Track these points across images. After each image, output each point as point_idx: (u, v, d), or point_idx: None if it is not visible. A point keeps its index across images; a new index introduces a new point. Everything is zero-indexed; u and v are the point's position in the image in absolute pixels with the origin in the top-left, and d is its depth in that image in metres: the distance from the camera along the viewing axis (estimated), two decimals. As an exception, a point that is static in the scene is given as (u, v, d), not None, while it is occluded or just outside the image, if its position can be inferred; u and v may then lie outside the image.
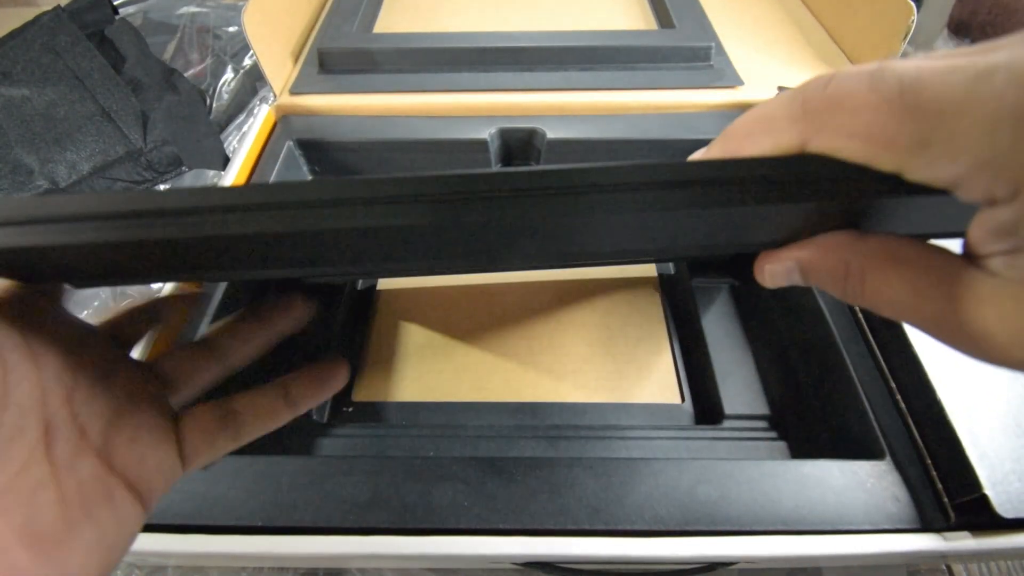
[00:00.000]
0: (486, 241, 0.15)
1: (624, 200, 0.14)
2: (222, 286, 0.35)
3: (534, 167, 0.14)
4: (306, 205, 0.14)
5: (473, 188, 0.14)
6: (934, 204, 0.14)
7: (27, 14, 0.60)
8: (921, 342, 0.29)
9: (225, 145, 0.63)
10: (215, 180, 0.59)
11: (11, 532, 0.12)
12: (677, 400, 0.36)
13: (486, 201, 0.14)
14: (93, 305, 0.50)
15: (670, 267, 0.45)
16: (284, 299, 0.21)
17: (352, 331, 0.40)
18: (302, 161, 0.46)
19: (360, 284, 0.44)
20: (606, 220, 0.14)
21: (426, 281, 0.44)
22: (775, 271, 0.16)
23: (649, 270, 0.45)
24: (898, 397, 0.30)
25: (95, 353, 0.16)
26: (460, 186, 0.14)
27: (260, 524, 0.25)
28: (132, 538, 0.15)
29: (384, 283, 0.44)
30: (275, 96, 0.47)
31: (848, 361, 0.31)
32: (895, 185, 0.13)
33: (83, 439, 0.14)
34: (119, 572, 0.35)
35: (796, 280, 0.16)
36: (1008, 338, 0.12)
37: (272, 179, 0.42)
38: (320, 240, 0.14)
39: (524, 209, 0.14)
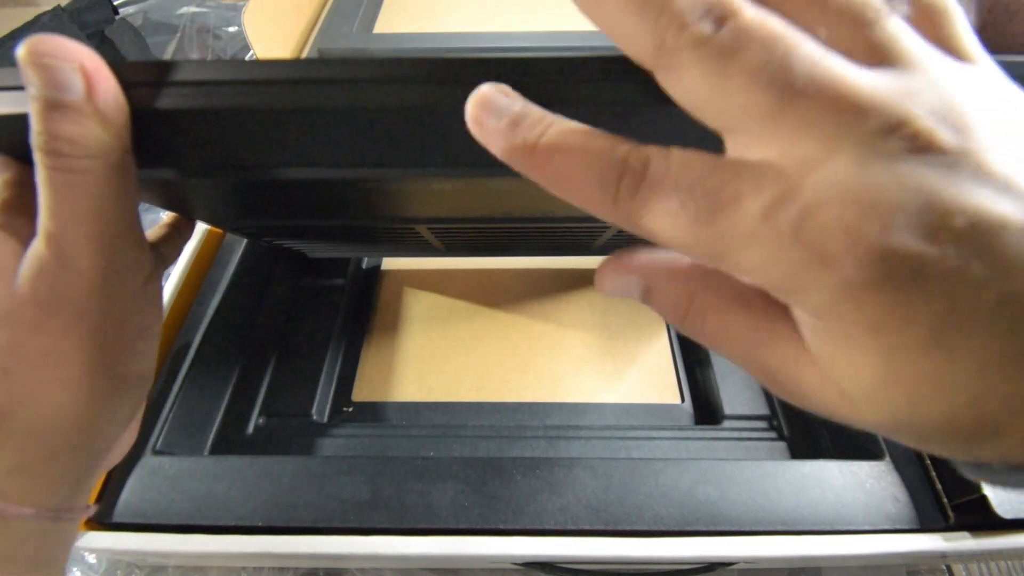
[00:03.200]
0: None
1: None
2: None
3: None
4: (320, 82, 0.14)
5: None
6: None
7: (27, 14, 0.60)
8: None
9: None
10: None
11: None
12: (677, 400, 0.36)
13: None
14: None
15: None
16: (187, 220, 0.25)
17: (351, 332, 0.40)
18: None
19: (364, 263, 0.44)
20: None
21: (426, 282, 0.44)
22: (616, 286, 0.14)
23: None
24: (898, 397, 0.30)
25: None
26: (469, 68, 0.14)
27: (260, 524, 0.25)
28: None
29: (383, 282, 0.44)
30: (275, 96, 0.47)
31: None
32: None
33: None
34: (119, 572, 0.35)
35: (634, 297, 0.14)
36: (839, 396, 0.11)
37: None
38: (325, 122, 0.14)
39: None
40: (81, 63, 0.13)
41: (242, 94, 0.14)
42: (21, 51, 0.13)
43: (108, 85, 0.14)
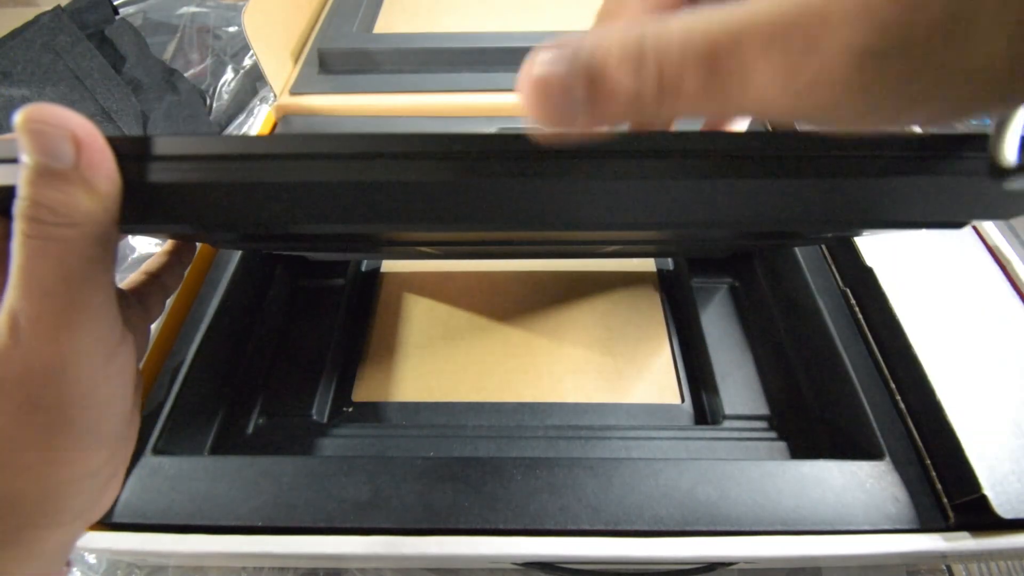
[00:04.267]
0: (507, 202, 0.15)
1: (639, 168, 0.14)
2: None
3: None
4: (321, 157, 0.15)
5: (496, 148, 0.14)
6: None
7: (27, 14, 0.60)
8: (921, 342, 0.29)
9: (225, 145, 0.63)
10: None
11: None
12: (677, 400, 0.36)
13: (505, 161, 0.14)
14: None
15: (669, 263, 0.45)
16: (189, 245, 0.25)
17: (351, 332, 0.40)
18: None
19: (364, 266, 0.44)
20: (621, 187, 0.15)
21: (426, 282, 0.44)
22: (553, 99, 0.11)
23: (648, 264, 0.45)
24: (897, 397, 0.30)
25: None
26: (481, 145, 0.14)
27: (260, 524, 0.25)
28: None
29: (383, 283, 0.44)
30: (275, 96, 0.47)
31: (847, 361, 0.31)
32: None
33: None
34: (119, 572, 0.35)
35: (579, 103, 0.11)
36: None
37: None
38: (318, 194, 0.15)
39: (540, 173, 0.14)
40: (73, 132, 0.13)
41: (238, 170, 0.14)
42: (18, 117, 0.13)
43: (101, 156, 0.14)
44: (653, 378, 0.38)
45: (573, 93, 0.11)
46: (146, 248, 0.52)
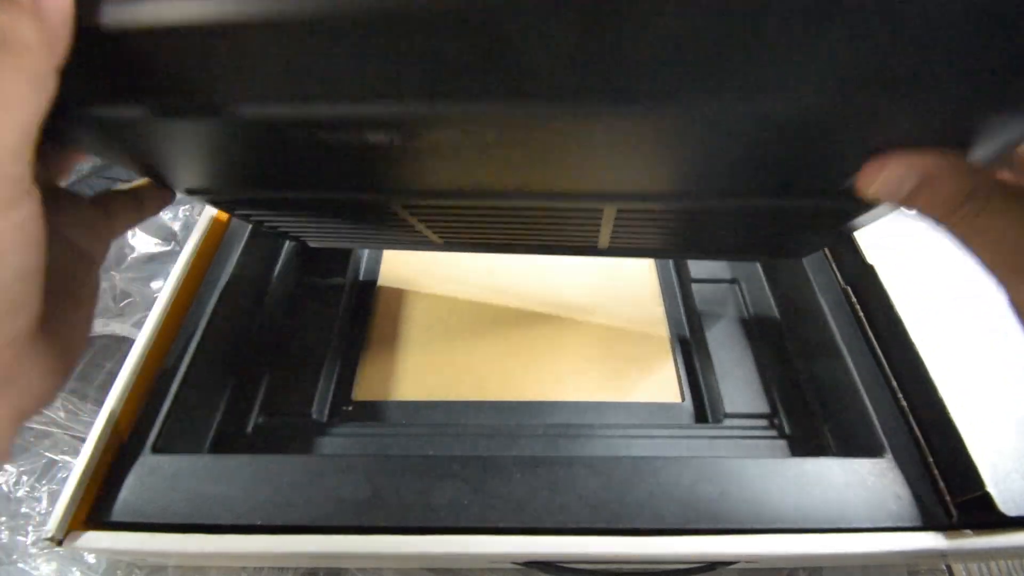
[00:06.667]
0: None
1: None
2: None
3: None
4: None
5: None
6: None
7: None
8: (922, 340, 0.29)
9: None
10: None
11: None
12: (677, 399, 0.36)
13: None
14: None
15: (669, 263, 0.45)
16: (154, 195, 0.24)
17: (352, 330, 0.40)
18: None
19: (364, 264, 0.44)
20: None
21: (426, 281, 0.44)
22: (888, 179, 0.15)
23: (648, 263, 0.45)
24: (899, 395, 0.30)
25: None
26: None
27: (260, 523, 0.25)
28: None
29: (383, 282, 0.44)
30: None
31: (848, 359, 0.31)
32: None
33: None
34: (119, 572, 0.35)
35: (901, 194, 0.15)
36: None
37: None
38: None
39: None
40: None
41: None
42: None
43: None
44: (653, 376, 0.37)
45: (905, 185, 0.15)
46: (146, 248, 0.52)
